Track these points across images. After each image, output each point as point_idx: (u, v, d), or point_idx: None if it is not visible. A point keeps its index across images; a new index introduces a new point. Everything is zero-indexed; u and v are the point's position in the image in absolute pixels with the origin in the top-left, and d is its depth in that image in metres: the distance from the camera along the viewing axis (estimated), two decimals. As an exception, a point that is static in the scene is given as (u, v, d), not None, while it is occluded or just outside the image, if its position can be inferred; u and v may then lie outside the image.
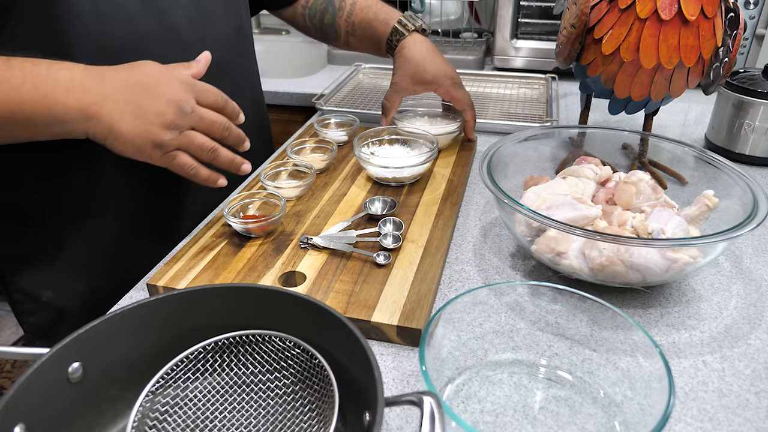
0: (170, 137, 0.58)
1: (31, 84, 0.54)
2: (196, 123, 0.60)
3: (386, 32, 0.91)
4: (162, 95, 0.58)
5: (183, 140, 0.59)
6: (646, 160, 0.83)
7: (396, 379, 0.51)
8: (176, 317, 0.45)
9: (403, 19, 0.91)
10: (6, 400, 0.36)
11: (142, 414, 0.42)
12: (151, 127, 0.57)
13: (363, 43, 0.97)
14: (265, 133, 1.02)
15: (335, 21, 0.96)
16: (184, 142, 0.60)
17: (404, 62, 0.89)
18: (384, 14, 0.93)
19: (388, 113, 0.92)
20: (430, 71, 0.88)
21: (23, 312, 0.79)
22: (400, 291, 0.58)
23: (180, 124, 0.58)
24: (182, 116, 0.58)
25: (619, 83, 0.74)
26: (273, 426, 0.44)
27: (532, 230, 0.62)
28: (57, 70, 0.56)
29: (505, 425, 0.47)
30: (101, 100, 0.56)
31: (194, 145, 0.60)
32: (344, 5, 0.96)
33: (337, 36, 0.98)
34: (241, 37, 0.85)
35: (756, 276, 0.65)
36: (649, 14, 0.68)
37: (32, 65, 0.55)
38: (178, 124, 0.58)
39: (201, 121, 0.60)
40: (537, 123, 1.04)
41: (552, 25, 1.38)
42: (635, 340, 0.46)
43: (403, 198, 0.77)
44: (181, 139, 0.59)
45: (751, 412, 0.48)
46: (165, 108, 0.57)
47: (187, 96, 0.59)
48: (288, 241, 0.67)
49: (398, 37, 0.90)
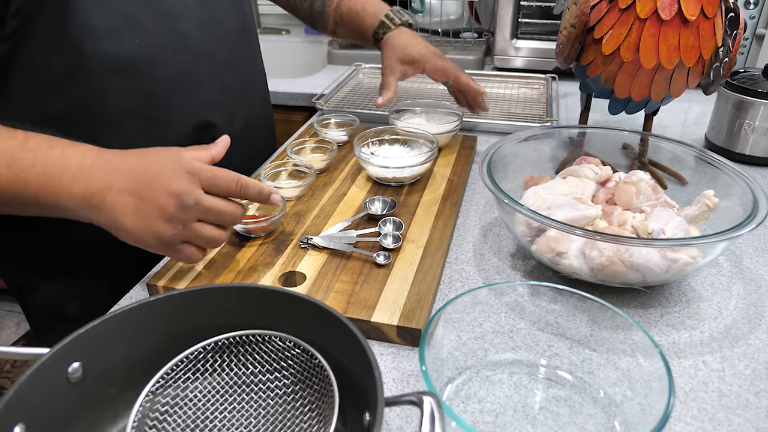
0: (172, 233, 0.55)
1: (41, 169, 0.54)
2: (201, 215, 0.55)
3: (373, 25, 0.93)
4: (164, 188, 0.54)
5: (187, 234, 0.56)
6: (646, 160, 0.83)
7: (396, 379, 0.51)
8: (176, 317, 0.45)
9: (391, 13, 0.94)
10: (6, 400, 0.35)
11: (142, 414, 0.42)
12: (153, 221, 0.54)
13: (350, 34, 0.99)
14: (271, 132, 1.02)
15: (324, 9, 0.99)
16: (189, 236, 0.56)
17: (391, 49, 0.92)
18: (372, 7, 0.95)
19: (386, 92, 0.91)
20: (416, 51, 0.91)
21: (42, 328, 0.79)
22: (400, 291, 0.58)
23: (182, 218, 0.54)
24: (184, 210, 0.54)
25: (619, 83, 0.74)
26: (273, 426, 0.44)
27: (532, 230, 0.62)
28: (68, 156, 0.54)
29: (505, 425, 0.47)
30: (105, 190, 0.54)
31: (200, 239, 0.57)
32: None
33: (326, 24, 1.01)
34: (247, 35, 0.86)
35: (756, 276, 0.65)
36: (649, 14, 0.68)
37: (47, 148, 0.54)
38: (180, 218, 0.54)
39: (207, 213, 0.55)
40: (537, 123, 1.04)
41: (552, 25, 1.38)
42: (635, 340, 0.46)
43: (403, 198, 0.77)
44: (185, 233, 0.55)
45: (751, 412, 0.48)
46: (166, 201, 0.54)
47: (190, 187, 0.54)
48: (288, 241, 0.67)
49: (384, 30, 0.93)
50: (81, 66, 0.63)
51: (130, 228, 0.55)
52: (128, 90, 0.68)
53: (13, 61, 0.62)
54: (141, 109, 0.69)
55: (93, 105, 0.66)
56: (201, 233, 0.56)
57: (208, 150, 0.58)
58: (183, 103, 0.74)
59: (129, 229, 0.55)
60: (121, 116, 0.68)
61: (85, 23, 0.62)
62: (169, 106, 0.72)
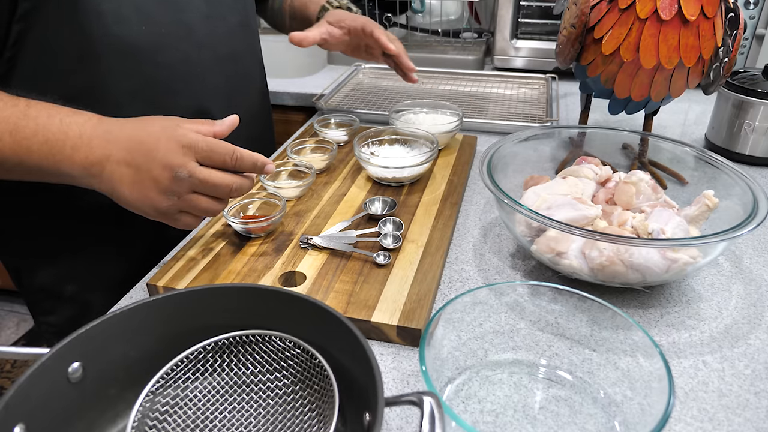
0: (168, 204, 0.56)
1: (43, 137, 0.55)
2: (195, 187, 0.56)
3: (316, 10, 0.98)
4: (158, 159, 0.55)
5: (183, 205, 0.57)
6: (646, 160, 0.83)
7: (396, 379, 0.51)
8: (176, 317, 0.45)
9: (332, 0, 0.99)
10: (6, 400, 0.35)
11: (142, 414, 0.42)
12: (149, 192, 0.56)
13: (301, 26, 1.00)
14: (270, 128, 1.03)
15: (282, 6, 1.03)
16: (185, 207, 0.57)
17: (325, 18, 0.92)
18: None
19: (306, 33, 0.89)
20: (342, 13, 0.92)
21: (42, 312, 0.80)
22: (400, 291, 0.58)
23: (177, 190, 0.56)
24: (178, 183, 0.55)
25: (619, 83, 0.74)
26: (273, 426, 0.44)
27: (532, 230, 0.62)
28: (69, 124, 0.56)
29: (505, 425, 0.47)
30: (104, 160, 0.55)
31: (196, 210, 0.58)
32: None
33: (283, 21, 1.04)
34: (248, 32, 0.88)
35: (756, 276, 0.65)
36: (649, 14, 0.68)
37: (47, 117, 0.55)
38: (175, 190, 0.56)
39: (201, 185, 0.56)
40: (537, 123, 1.04)
41: (552, 25, 1.38)
42: (635, 340, 0.46)
43: (403, 198, 0.77)
44: (180, 204, 0.57)
45: (751, 412, 0.48)
46: (161, 173, 0.55)
47: (184, 160, 0.55)
48: (288, 241, 0.67)
49: (323, 12, 0.96)
50: (89, 49, 0.65)
51: (128, 198, 0.56)
52: (132, 74, 0.69)
53: (23, 42, 0.63)
54: (144, 92, 0.71)
55: (97, 87, 0.67)
56: (196, 205, 0.57)
57: (211, 126, 0.58)
58: (184, 89, 0.75)
59: (126, 199, 0.57)
60: (124, 99, 0.69)
61: (96, 8, 0.63)
62: (171, 91, 0.74)
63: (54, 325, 0.81)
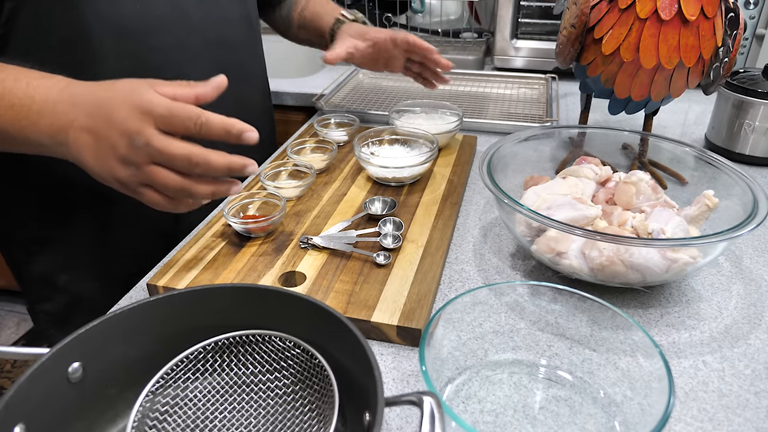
0: (126, 174, 0.51)
1: (9, 101, 0.52)
2: (154, 158, 0.50)
3: (330, 22, 0.98)
4: (116, 125, 0.50)
5: (143, 177, 0.51)
6: (646, 160, 0.83)
7: (396, 379, 0.51)
8: (176, 317, 0.45)
9: (345, 12, 0.99)
10: (6, 400, 0.35)
11: (142, 414, 0.42)
12: (108, 160, 0.51)
13: (311, 36, 1.03)
14: (271, 127, 1.03)
15: (290, 14, 1.03)
16: (146, 179, 0.51)
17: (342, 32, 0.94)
18: (331, 8, 1.01)
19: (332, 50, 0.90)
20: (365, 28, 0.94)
21: (39, 300, 0.81)
22: (400, 291, 0.58)
23: (134, 160, 0.50)
24: (134, 151, 0.50)
25: (619, 83, 0.74)
26: (273, 426, 0.44)
27: (532, 230, 0.62)
28: (35, 88, 0.53)
29: (505, 425, 0.47)
30: (68, 126, 0.52)
31: (156, 184, 0.52)
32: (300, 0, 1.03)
33: (290, 28, 1.05)
34: (248, 25, 0.88)
35: (756, 276, 0.65)
36: (649, 14, 0.68)
37: (13, 81, 0.53)
38: (133, 159, 0.50)
39: (159, 155, 0.50)
40: (537, 123, 1.04)
41: (552, 25, 1.38)
42: (635, 340, 0.46)
43: (403, 198, 0.77)
44: (140, 175, 0.51)
45: (751, 412, 0.48)
46: (118, 141, 0.50)
47: (141, 126, 0.49)
48: (288, 241, 0.67)
49: (339, 25, 0.97)
50: (81, 29, 0.64)
51: (92, 167, 0.52)
52: (125, 55, 0.69)
53: (15, 20, 0.62)
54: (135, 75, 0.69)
55: (89, 68, 0.66)
56: (156, 178, 0.51)
57: (190, 88, 0.52)
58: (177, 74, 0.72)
59: (91, 168, 0.53)
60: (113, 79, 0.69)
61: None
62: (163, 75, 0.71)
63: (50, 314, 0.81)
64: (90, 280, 0.79)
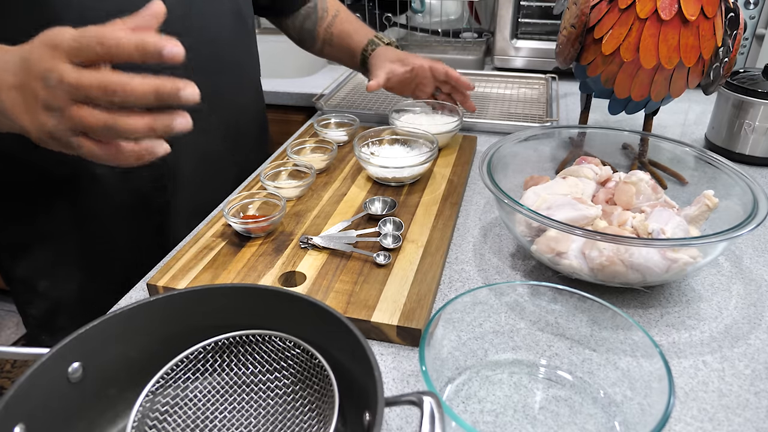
0: (53, 122, 0.45)
1: None
2: (72, 95, 0.44)
3: (362, 42, 1.00)
4: (33, 71, 0.45)
5: (70, 123, 0.45)
6: (646, 160, 0.83)
7: (396, 379, 0.51)
8: (176, 317, 0.45)
9: (380, 35, 1.02)
10: (6, 400, 0.35)
11: (142, 414, 0.42)
12: (36, 114, 0.46)
13: (338, 53, 1.04)
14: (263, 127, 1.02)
15: (315, 28, 1.03)
16: (72, 125, 0.45)
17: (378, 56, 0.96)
18: (363, 30, 1.02)
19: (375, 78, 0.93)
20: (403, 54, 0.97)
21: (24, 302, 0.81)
22: (400, 291, 0.58)
23: (54, 103, 0.44)
24: (51, 92, 0.44)
25: (619, 83, 0.74)
26: (273, 426, 0.44)
27: (532, 230, 0.62)
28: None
29: (505, 425, 0.47)
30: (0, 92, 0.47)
31: (83, 126, 0.45)
32: (326, 16, 1.02)
33: (314, 42, 1.05)
34: (240, 21, 0.86)
35: (756, 276, 0.65)
36: (649, 14, 0.68)
37: None
38: (52, 103, 0.45)
39: (75, 90, 0.43)
40: (537, 123, 1.04)
41: (552, 25, 1.38)
42: (635, 340, 0.46)
43: (403, 198, 0.77)
44: (66, 122, 0.45)
45: (751, 412, 0.48)
46: (36, 85, 0.45)
47: (52, 63, 0.44)
48: (288, 241, 0.67)
49: (373, 47, 0.99)
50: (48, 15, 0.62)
51: (27, 126, 0.47)
52: None
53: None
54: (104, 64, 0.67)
55: None
56: (81, 120, 0.44)
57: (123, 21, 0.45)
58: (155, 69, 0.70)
59: (27, 129, 0.48)
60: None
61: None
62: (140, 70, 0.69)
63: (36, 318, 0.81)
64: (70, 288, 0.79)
